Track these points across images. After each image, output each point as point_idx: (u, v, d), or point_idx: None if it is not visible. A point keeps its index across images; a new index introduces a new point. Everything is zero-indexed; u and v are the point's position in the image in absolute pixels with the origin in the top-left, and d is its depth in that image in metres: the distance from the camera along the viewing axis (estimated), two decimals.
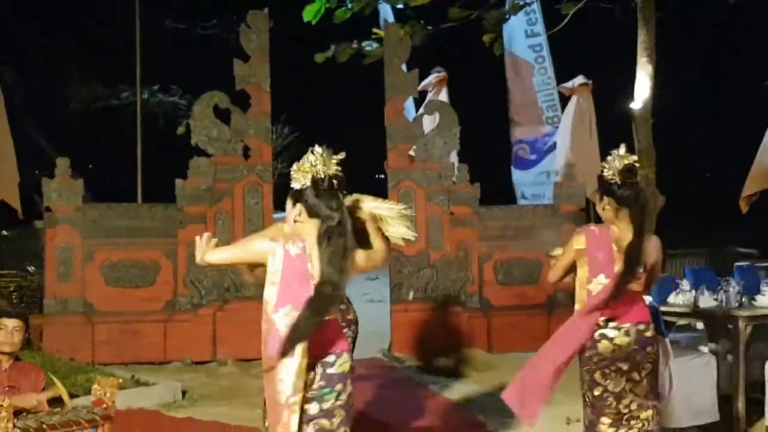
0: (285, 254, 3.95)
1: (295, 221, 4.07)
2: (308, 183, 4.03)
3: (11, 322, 5.74)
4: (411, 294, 10.27)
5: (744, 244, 13.41)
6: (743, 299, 7.00)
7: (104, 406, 5.55)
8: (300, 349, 3.87)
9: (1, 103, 12.09)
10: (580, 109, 12.74)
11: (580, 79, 12.94)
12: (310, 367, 3.97)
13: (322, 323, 3.94)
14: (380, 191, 11.16)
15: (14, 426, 5.20)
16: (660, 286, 7.71)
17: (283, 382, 3.90)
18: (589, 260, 4.92)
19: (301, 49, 11.69)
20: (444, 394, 8.28)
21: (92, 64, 18.84)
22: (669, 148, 12.46)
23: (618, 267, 4.84)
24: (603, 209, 5.04)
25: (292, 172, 4.11)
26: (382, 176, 10.96)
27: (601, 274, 4.89)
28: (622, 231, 4.92)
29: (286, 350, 3.86)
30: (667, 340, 6.63)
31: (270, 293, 3.94)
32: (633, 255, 4.81)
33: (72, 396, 7.67)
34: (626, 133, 11.10)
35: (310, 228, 3.99)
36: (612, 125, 13.03)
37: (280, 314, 3.92)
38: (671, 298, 7.36)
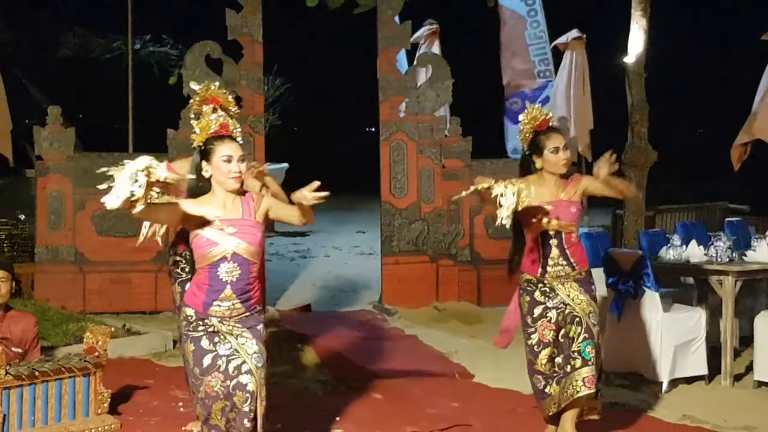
0: None
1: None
2: None
3: (1, 273, 5.71)
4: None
5: (735, 199, 13.43)
6: (734, 254, 7.03)
7: (96, 354, 5.56)
8: None
9: None
10: (574, 64, 12.67)
11: (573, 33, 12.83)
12: None
13: None
14: (371, 143, 11.16)
15: (7, 373, 5.21)
16: (651, 241, 7.74)
17: None
18: None
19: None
20: (433, 346, 8.30)
21: (84, 12, 18.67)
22: (662, 102, 12.40)
23: None
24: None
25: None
26: (373, 129, 10.91)
27: None
28: None
29: None
30: (657, 294, 6.64)
31: None
32: None
33: (64, 344, 7.73)
34: (619, 88, 11.07)
35: None
36: (605, 80, 13.01)
37: None
38: (662, 253, 7.38)
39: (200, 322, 4.19)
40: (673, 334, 6.64)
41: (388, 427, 5.74)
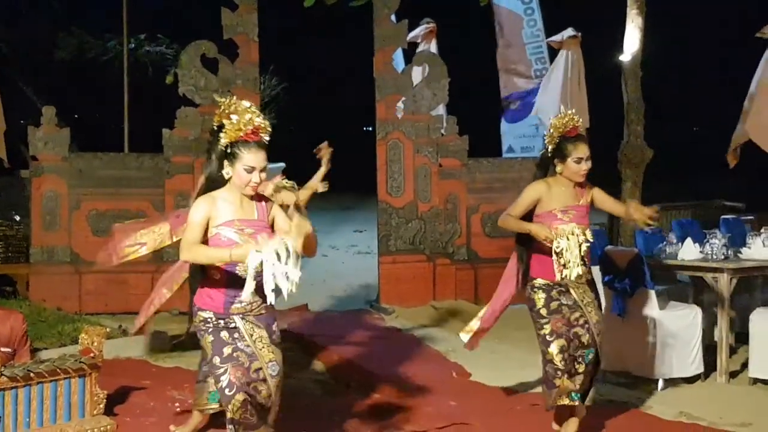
0: None
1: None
2: None
3: None
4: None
5: (731, 197, 13.43)
6: (729, 252, 7.04)
7: (92, 355, 5.54)
8: None
9: None
10: (569, 62, 12.66)
11: (569, 32, 12.80)
12: None
13: None
14: (368, 143, 11.15)
15: (1, 374, 5.19)
16: (647, 239, 7.74)
17: None
18: None
19: None
20: (431, 345, 8.30)
21: (79, 12, 18.60)
22: (658, 101, 12.40)
23: None
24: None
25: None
26: (370, 128, 10.89)
27: None
28: None
29: None
30: (653, 292, 6.64)
31: None
32: None
33: (59, 345, 7.72)
34: (615, 87, 11.07)
35: None
36: (601, 78, 13.00)
37: None
38: (658, 251, 7.38)
39: (220, 322, 4.22)
40: (669, 331, 6.63)
41: (386, 426, 5.73)
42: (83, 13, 18.63)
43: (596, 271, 7.09)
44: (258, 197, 4.29)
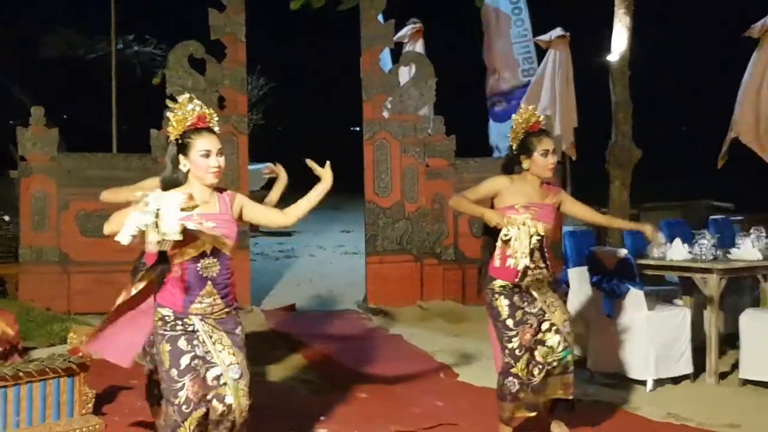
0: None
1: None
2: None
3: None
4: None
5: (719, 197, 13.47)
6: (718, 252, 7.04)
7: (80, 354, 5.53)
8: None
9: None
10: (558, 62, 12.70)
11: (557, 32, 12.86)
12: None
13: None
14: (355, 143, 11.15)
15: None
16: (635, 239, 7.75)
17: None
18: None
19: None
20: (418, 345, 8.30)
21: (66, 12, 18.53)
22: (645, 100, 12.42)
23: None
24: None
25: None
26: (357, 128, 10.89)
27: None
28: None
29: None
30: (642, 292, 6.66)
31: None
32: None
33: (48, 345, 7.70)
34: (603, 86, 11.08)
35: None
36: (589, 78, 13.01)
37: None
38: (646, 251, 7.39)
39: (178, 322, 4.07)
40: (657, 332, 6.64)
41: (373, 427, 5.73)
42: (70, 12, 18.54)
43: (584, 271, 7.13)
44: (220, 190, 4.19)
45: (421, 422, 5.83)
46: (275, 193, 5.29)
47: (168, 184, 4.10)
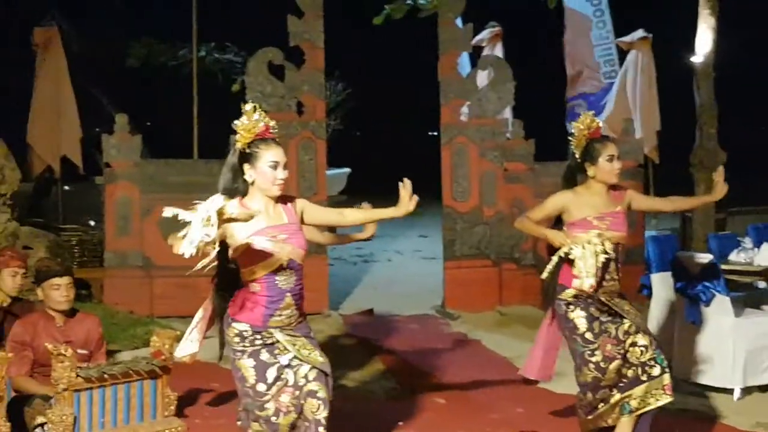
0: None
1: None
2: None
3: (63, 280, 5.78)
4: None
5: None
6: None
7: (162, 357, 5.60)
8: None
9: (63, 61, 12.28)
10: (640, 64, 12.53)
11: (639, 33, 12.70)
12: None
13: None
14: (433, 147, 11.13)
15: (77, 375, 5.29)
16: (721, 244, 7.58)
17: None
18: None
19: (355, 4, 11.56)
20: (497, 351, 8.25)
21: (150, 21, 18.91)
22: (731, 102, 12.15)
23: None
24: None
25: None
26: (435, 133, 10.86)
27: None
28: None
29: None
30: (728, 298, 6.50)
31: None
32: None
33: (132, 348, 7.86)
34: (686, 88, 10.88)
35: None
36: (673, 80, 12.79)
37: None
38: (732, 256, 7.24)
39: (257, 336, 4.06)
40: (745, 339, 6.47)
41: None
42: (154, 21, 18.91)
43: (667, 276, 6.99)
44: (283, 199, 4.15)
45: (501, 429, 5.81)
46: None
47: (229, 195, 4.04)
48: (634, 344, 4.98)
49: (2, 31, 15.63)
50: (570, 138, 5.23)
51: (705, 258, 6.67)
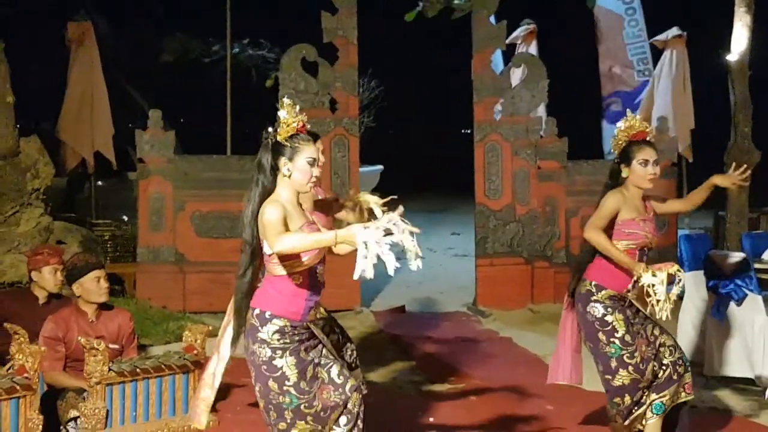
0: None
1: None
2: None
3: (99, 273, 5.87)
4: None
5: None
6: None
7: (195, 352, 5.68)
8: None
9: (96, 56, 12.41)
10: (674, 62, 12.48)
11: (674, 31, 12.64)
12: None
13: None
14: (466, 145, 11.14)
15: (110, 369, 5.37)
16: (754, 243, 7.55)
17: None
18: None
19: (390, 2, 11.58)
20: (528, 349, 8.26)
21: (183, 17, 19.04)
22: (766, 102, 12.05)
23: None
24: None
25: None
26: (468, 131, 10.85)
27: None
28: None
29: None
30: (760, 297, 6.47)
31: None
32: None
33: (164, 342, 7.95)
34: (721, 87, 10.81)
35: None
36: (707, 78, 12.69)
37: None
38: (766, 255, 7.19)
39: (294, 331, 4.01)
40: None
41: (481, 429, 5.74)
42: (187, 18, 19.03)
43: (700, 275, 6.97)
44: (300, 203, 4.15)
45: (530, 426, 5.82)
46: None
47: (266, 193, 4.01)
48: (663, 345, 5.02)
49: (36, 26, 15.80)
50: (612, 138, 5.25)
51: (738, 257, 6.66)
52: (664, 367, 5.00)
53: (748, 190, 10.38)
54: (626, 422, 5.06)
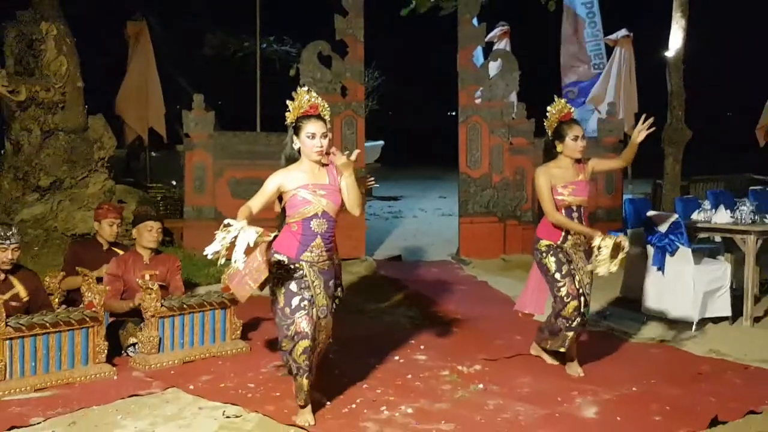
0: None
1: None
2: None
3: (156, 224, 5.90)
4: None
5: (759, 171, 12.95)
6: (756, 217, 6.81)
7: (230, 291, 5.69)
8: None
9: (150, 50, 12.33)
10: (623, 58, 12.45)
11: (623, 32, 12.61)
12: None
13: None
14: (452, 125, 11.10)
15: (162, 305, 5.39)
16: (685, 206, 7.54)
17: None
18: None
19: (392, 6, 11.47)
20: (501, 290, 8.28)
21: (223, 16, 18.85)
22: (696, 90, 12.00)
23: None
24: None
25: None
26: (454, 113, 10.80)
27: None
28: None
29: None
30: (689, 250, 6.48)
31: None
32: None
33: (207, 284, 7.97)
34: (660, 78, 10.78)
35: None
36: (649, 70, 12.64)
37: None
38: (694, 216, 7.20)
39: (291, 266, 4.22)
40: (702, 282, 6.46)
41: (463, 354, 5.77)
42: (225, 17, 18.85)
43: (641, 232, 6.97)
44: (326, 165, 4.30)
45: (503, 352, 5.85)
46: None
47: (290, 160, 4.31)
48: (583, 294, 5.11)
49: (99, 24, 15.68)
50: (544, 120, 5.22)
51: (672, 217, 6.65)
52: (585, 307, 5.12)
53: (681, 163, 10.40)
54: (555, 340, 5.24)
